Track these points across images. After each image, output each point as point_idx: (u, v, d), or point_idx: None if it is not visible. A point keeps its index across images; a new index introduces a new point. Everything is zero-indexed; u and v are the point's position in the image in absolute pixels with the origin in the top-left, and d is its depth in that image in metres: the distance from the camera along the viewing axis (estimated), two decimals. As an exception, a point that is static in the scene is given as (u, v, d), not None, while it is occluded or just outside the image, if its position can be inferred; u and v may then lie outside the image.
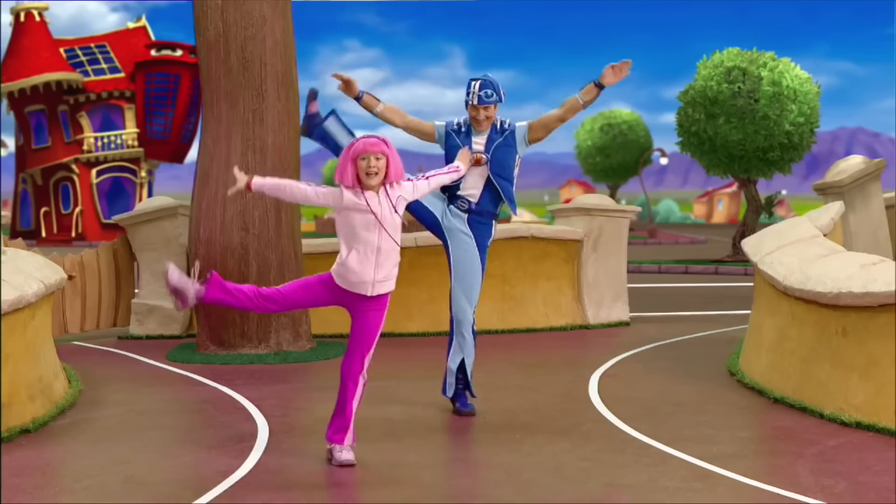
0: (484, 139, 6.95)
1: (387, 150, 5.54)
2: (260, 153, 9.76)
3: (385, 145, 5.54)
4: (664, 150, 46.50)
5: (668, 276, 21.44)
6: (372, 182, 5.51)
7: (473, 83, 6.89)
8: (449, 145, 7.03)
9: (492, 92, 6.86)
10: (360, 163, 5.51)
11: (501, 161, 6.95)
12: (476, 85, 6.86)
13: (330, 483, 5.32)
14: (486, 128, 6.96)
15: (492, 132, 6.97)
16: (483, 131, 6.96)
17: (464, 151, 6.76)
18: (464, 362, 7.04)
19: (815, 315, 6.96)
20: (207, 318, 9.90)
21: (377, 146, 5.50)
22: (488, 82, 6.88)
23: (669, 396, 7.57)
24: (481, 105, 6.85)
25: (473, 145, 6.93)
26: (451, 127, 7.02)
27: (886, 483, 5.18)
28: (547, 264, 11.74)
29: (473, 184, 6.94)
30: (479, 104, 6.85)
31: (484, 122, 6.91)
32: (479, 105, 6.85)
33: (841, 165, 12.94)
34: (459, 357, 7.04)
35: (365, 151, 5.50)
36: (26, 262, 7.39)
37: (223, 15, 9.76)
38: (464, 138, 6.95)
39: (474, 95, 6.86)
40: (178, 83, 42.00)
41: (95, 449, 6.06)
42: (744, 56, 22.65)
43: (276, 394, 7.80)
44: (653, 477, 5.34)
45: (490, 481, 5.35)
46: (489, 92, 6.85)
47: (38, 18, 42.69)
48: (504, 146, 6.96)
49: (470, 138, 6.95)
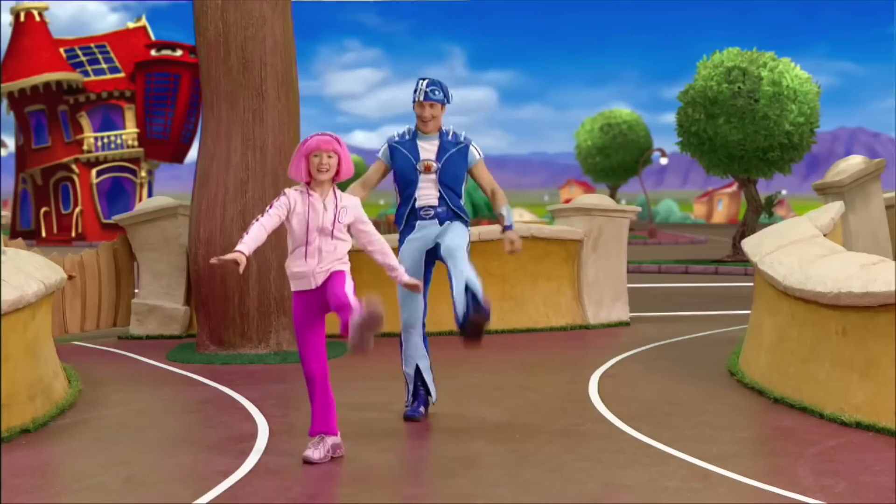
0: (434, 146, 6.83)
1: (339, 149, 5.68)
2: (260, 153, 9.77)
3: (337, 143, 5.68)
4: (664, 150, 46.50)
5: (668, 276, 21.44)
6: (322, 178, 5.65)
7: (420, 81, 6.84)
8: (396, 162, 6.85)
9: (438, 90, 6.78)
10: (313, 159, 5.65)
11: (453, 173, 6.83)
12: (423, 83, 6.82)
13: (330, 483, 5.32)
14: (433, 130, 6.83)
15: (443, 140, 6.85)
16: (430, 134, 6.84)
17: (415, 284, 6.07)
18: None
19: (815, 315, 6.97)
20: (207, 318, 9.90)
21: (330, 144, 5.65)
22: (436, 81, 6.85)
23: (669, 396, 7.57)
24: (427, 101, 6.76)
25: (422, 152, 6.80)
26: (393, 141, 6.89)
27: (886, 483, 5.18)
28: (547, 264, 11.74)
29: (428, 193, 6.82)
30: (424, 100, 6.76)
31: (430, 122, 6.79)
32: (424, 101, 6.76)
33: (841, 165, 12.94)
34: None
35: (318, 149, 5.65)
36: (26, 262, 7.39)
37: (223, 15, 9.76)
38: (409, 145, 6.82)
39: (420, 92, 6.78)
40: (178, 83, 42.00)
41: (95, 449, 6.06)
42: (744, 56, 22.65)
43: (276, 394, 7.80)
44: (653, 477, 5.34)
45: (490, 481, 5.35)
46: (435, 89, 6.78)
47: (38, 18, 42.69)
48: (457, 158, 6.85)
49: (416, 143, 6.83)
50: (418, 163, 6.81)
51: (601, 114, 50.05)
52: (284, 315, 9.84)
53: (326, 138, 5.67)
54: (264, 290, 9.76)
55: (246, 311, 9.75)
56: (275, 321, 9.82)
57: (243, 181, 9.74)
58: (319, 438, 5.73)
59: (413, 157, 6.82)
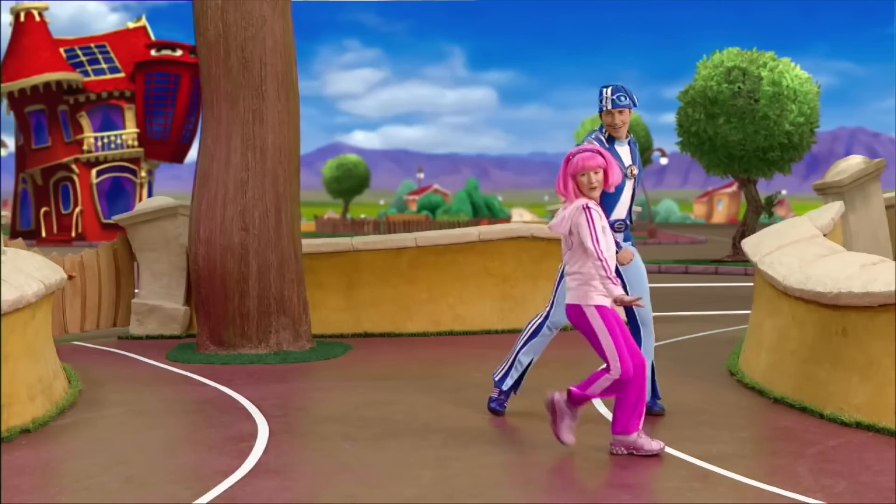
0: (627, 152, 6.84)
1: (603, 163, 5.70)
2: (260, 153, 9.77)
3: (601, 157, 5.71)
4: (664, 150, 46.52)
5: (668, 276, 21.44)
6: (594, 195, 5.71)
7: (605, 90, 6.80)
8: None
9: (624, 95, 6.76)
10: (581, 179, 5.68)
11: (639, 175, 6.94)
12: (608, 91, 6.78)
13: (330, 483, 5.32)
14: (625, 135, 6.83)
15: (631, 145, 6.88)
16: (623, 140, 6.83)
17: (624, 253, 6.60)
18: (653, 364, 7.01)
19: (815, 315, 6.96)
20: (207, 318, 9.90)
21: (594, 160, 5.68)
22: (620, 87, 6.82)
23: (669, 396, 7.56)
24: (615, 109, 6.73)
25: (623, 159, 6.78)
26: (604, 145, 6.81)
27: (886, 483, 5.18)
28: (547, 264, 11.73)
29: (627, 201, 6.83)
30: (613, 108, 6.73)
31: (622, 127, 6.78)
32: (613, 109, 6.73)
33: (841, 165, 12.94)
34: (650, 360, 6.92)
35: (584, 168, 5.66)
36: (26, 262, 7.39)
37: (223, 15, 9.76)
38: (613, 151, 6.75)
39: (608, 100, 6.75)
40: (178, 83, 42.03)
41: (95, 449, 6.06)
42: (744, 56, 22.65)
43: (276, 394, 7.80)
44: (653, 477, 5.34)
45: (490, 481, 5.35)
46: (621, 95, 6.75)
47: (38, 18, 42.72)
48: (640, 164, 6.97)
49: (615, 148, 6.78)
50: (626, 168, 6.79)
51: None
52: (284, 315, 9.85)
53: (588, 155, 5.67)
54: (264, 290, 9.76)
55: (246, 311, 9.75)
56: (275, 321, 9.82)
57: (243, 181, 9.74)
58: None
59: (621, 162, 6.77)
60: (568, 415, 5.80)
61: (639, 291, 6.86)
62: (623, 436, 5.77)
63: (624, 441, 5.77)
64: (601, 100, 6.81)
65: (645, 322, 6.92)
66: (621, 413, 5.77)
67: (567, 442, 5.81)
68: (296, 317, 9.95)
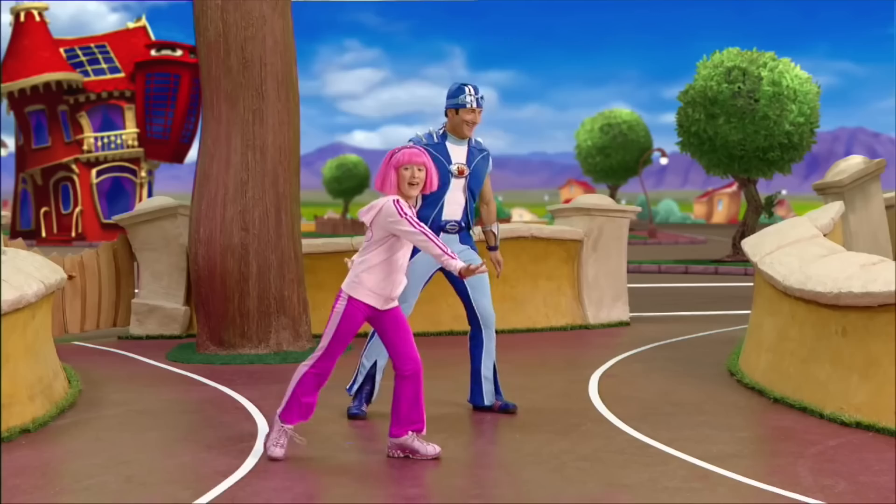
0: (463, 152, 6.84)
1: (427, 162, 5.64)
2: (260, 153, 9.77)
3: (425, 156, 5.64)
4: (664, 150, 46.52)
5: (668, 276, 21.44)
6: (413, 192, 5.60)
7: (467, 87, 6.81)
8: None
9: (482, 97, 6.82)
10: (403, 172, 5.59)
11: (478, 177, 6.88)
12: (471, 89, 6.81)
13: (330, 483, 5.33)
14: (470, 135, 6.86)
15: (470, 146, 6.88)
16: (460, 141, 6.85)
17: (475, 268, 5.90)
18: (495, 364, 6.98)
19: (815, 315, 6.97)
20: (207, 318, 9.90)
21: (419, 157, 5.61)
22: (476, 87, 6.87)
23: (669, 396, 7.57)
24: (478, 108, 6.79)
25: (452, 157, 6.80)
26: (421, 144, 6.81)
27: (886, 483, 5.18)
28: (547, 264, 11.74)
29: (455, 200, 6.82)
30: (478, 107, 6.79)
31: (472, 128, 6.82)
32: (477, 108, 6.79)
33: (841, 165, 12.93)
34: (491, 361, 6.96)
35: (410, 162, 5.58)
36: (26, 262, 7.39)
37: (223, 15, 9.76)
38: (439, 147, 6.79)
39: (474, 99, 6.78)
40: (178, 83, 42.03)
41: (95, 449, 6.06)
42: (744, 56, 22.65)
43: (276, 394, 7.79)
44: (653, 477, 5.34)
45: (490, 481, 5.35)
46: (481, 97, 6.82)
47: (38, 18, 42.72)
48: (482, 165, 6.92)
49: (445, 145, 6.81)
50: (451, 165, 6.80)
51: (601, 114, 50.09)
52: (284, 315, 9.85)
53: (416, 151, 5.61)
54: (264, 290, 9.76)
55: (246, 311, 9.75)
56: (275, 321, 9.82)
57: (243, 181, 9.74)
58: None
59: (445, 160, 6.80)
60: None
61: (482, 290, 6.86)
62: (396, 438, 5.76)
63: (399, 444, 5.76)
64: (460, 96, 6.76)
65: (487, 324, 6.93)
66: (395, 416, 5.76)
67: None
68: (296, 317, 9.95)
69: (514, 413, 6.95)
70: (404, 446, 5.74)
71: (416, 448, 5.73)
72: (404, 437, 5.74)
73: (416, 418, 5.76)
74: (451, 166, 6.79)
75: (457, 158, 6.82)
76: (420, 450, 5.73)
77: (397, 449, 5.75)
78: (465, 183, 6.84)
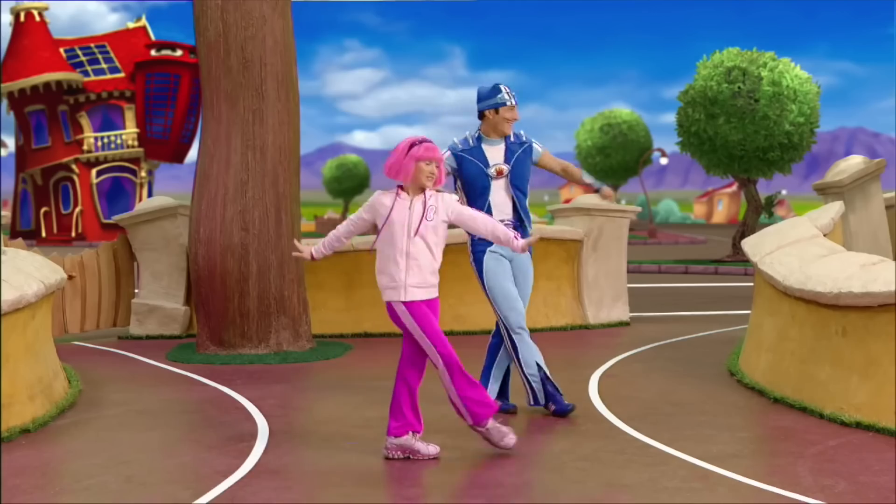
0: (501, 151, 6.85)
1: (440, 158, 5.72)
2: (260, 153, 9.77)
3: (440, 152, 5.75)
4: (664, 150, 46.51)
5: (668, 276, 21.44)
6: (429, 185, 5.68)
7: (502, 86, 6.84)
8: (465, 170, 6.81)
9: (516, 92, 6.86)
10: (424, 167, 5.65)
11: (521, 174, 6.88)
12: (505, 87, 6.84)
13: (329, 483, 5.32)
14: (508, 132, 6.85)
15: (508, 143, 6.87)
16: (496, 141, 6.85)
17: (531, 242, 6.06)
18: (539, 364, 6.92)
19: (815, 315, 6.96)
20: (207, 318, 9.90)
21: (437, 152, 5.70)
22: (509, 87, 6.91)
23: (669, 396, 7.57)
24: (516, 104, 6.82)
25: (490, 159, 6.81)
26: (457, 151, 6.84)
27: (886, 483, 5.18)
28: (547, 264, 11.73)
29: (502, 201, 6.84)
30: (515, 103, 6.81)
31: (511, 125, 6.82)
32: (515, 105, 6.80)
33: (841, 165, 12.93)
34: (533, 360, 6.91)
35: (431, 158, 5.65)
36: (26, 262, 7.39)
37: (223, 15, 9.76)
38: (475, 151, 6.80)
39: (511, 96, 6.80)
40: (178, 83, 42.03)
41: (95, 449, 6.06)
42: (744, 56, 22.65)
43: (276, 394, 7.80)
44: (653, 477, 5.34)
45: (490, 481, 5.35)
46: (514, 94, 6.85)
47: (38, 18, 42.71)
48: (523, 158, 6.91)
49: (482, 148, 6.82)
50: (489, 168, 6.81)
51: (601, 114, 50.09)
52: (284, 315, 9.85)
53: (434, 146, 5.70)
54: (264, 290, 9.76)
55: (246, 311, 9.75)
56: (275, 321, 9.82)
57: (243, 181, 9.74)
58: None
59: (482, 163, 6.81)
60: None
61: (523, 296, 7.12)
62: (395, 438, 5.75)
63: (399, 444, 5.75)
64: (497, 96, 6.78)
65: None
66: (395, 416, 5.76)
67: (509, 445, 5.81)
68: (296, 317, 9.95)
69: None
70: (405, 446, 5.74)
71: (417, 448, 5.73)
72: (405, 437, 5.74)
73: (413, 419, 5.76)
74: (489, 169, 6.81)
75: (494, 160, 6.83)
76: (420, 450, 5.73)
77: (397, 450, 5.75)
78: (507, 181, 6.85)
